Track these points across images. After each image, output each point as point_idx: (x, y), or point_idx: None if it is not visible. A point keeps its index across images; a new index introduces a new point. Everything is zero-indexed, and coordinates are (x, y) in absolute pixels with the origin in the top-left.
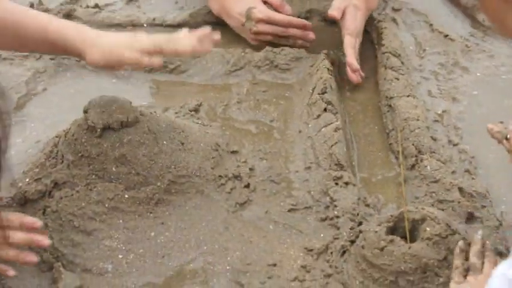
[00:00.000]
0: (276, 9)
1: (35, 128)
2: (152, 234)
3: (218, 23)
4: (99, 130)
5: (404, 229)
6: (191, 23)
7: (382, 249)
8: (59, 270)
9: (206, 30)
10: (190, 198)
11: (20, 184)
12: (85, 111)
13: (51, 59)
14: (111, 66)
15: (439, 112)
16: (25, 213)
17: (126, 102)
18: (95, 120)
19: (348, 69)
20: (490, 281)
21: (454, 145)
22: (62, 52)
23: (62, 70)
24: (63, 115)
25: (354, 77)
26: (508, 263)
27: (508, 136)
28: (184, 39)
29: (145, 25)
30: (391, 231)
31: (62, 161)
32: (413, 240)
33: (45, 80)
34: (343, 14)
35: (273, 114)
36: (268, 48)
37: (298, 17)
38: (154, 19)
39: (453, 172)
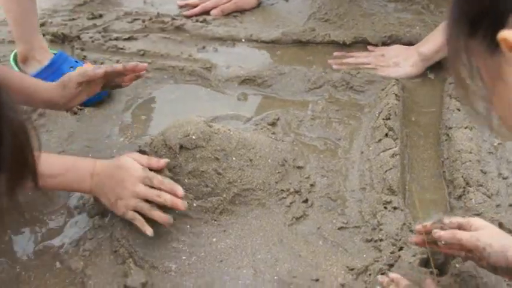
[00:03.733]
0: None
1: (137, 128)
2: (214, 239)
3: (307, 42)
4: (177, 149)
5: (437, 261)
6: (283, 41)
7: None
8: (130, 266)
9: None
10: (252, 210)
11: None
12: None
13: (158, 69)
14: None
15: (495, 144)
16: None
17: (200, 122)
18: (172, 142)
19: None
20: None
21: (504, 178)
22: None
23: (167, 77)
24: (162, 118)
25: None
26: None
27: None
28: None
29: (243, 40)
30: (425, 262)
31: None
32: (444, 272)
33: (151, 85)
34: None
35: (341, 133)
36: (345, 70)
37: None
38: (251, 35)
39: (497, 206)
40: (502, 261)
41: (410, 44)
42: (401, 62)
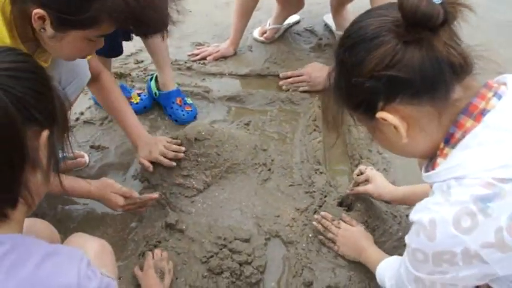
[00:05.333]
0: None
1: (165, 127)
2: (216, 194)
3: (265, 75)
4: (193, 140)
5: (347, 203)
6: (250, 75)
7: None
8: (167, 210)
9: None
10: (238, 176)
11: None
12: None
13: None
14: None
15: None
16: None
17: (206, 124)
18: (190, 136)
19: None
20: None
21: (380, 154)
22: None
23: None
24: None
25: None
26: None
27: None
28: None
29: (227, 74)
30: (340, 203)
31: None
32: (351, 209)
33: None
34: None
35: (288, 129)
36: (289, 92)
37: None
38: (232, 71)
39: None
40: (380, 199)
41: None
42: (322, 80)
